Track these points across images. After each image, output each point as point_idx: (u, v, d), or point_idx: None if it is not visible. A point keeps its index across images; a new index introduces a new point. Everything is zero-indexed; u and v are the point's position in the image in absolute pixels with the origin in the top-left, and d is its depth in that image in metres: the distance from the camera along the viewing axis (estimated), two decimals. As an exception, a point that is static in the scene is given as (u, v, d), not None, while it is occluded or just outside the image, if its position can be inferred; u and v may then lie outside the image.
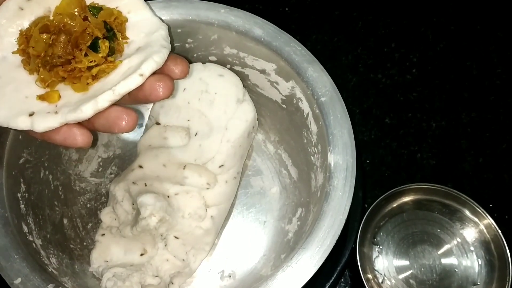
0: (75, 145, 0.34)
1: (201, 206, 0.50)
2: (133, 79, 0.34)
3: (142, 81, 0.34)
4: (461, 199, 0.52)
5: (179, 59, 0.37)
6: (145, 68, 0.34)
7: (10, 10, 0.37)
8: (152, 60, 0.35)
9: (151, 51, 0.36)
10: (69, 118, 0.33)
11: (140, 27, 0.38)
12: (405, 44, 0.69)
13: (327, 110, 0.44)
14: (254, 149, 0.58)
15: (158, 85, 0.34)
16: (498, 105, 0.65)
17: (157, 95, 0.35)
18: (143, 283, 0.48)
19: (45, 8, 0.38)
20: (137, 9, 0.39)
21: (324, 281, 0.49)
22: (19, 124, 0.34)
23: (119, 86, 0.34)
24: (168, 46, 0.37)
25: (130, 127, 0.34)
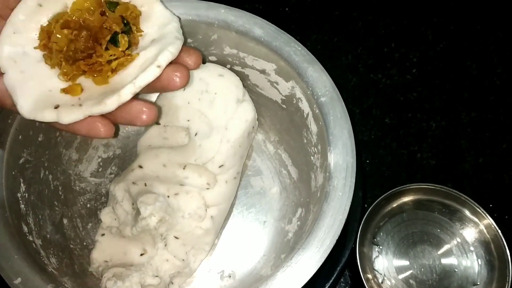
0: (99, 135, 0.36)
1: (201, 206, 0.50)
2: (152, 70, 0.36)
3: (160, 72, 0.36)
4: (461, 199, 0.52)
5: (192, 50, 0.38)
6: (162, 60, 0.36)
7: (29, 6, 0.38)
8: (167, 51, 0.36)
9: (165, 43, 0.37)
10: (94, 111, 0.35)
11: (153, 20, 0.40)
12: (405, 44, 0.69)
13: (327, 110, 0.44)
14: (254, 149, 0.58)
15: (175, 75, 0.36)
16: (498, 105, 0.65)
17: (175, 85, 0.36)
18: (143, 283, 0.48)
19: (62, 4, 0.39)
20: (150, 2, 0.40)
21: (324, 281, 0.49)
22: (46, 116, 0.35)
23: (139, 79, 0.35)
24: (181, 37, 0.38)
25: (151, 120, 0.36)
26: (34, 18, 0.38)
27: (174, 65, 0.37)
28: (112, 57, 0.37)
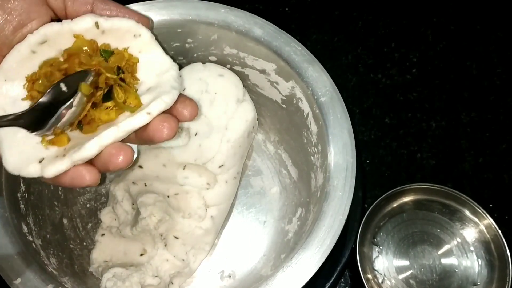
0: (83, 184, 0.34)
1: (201, 206, 0.50)
2: (140, 117, 0.34)
3: (148, 120, 0.34)
4: (461, 199, 0.52)
5: (188, 101, 0.37)
6: (153, 108, 0.34)
7: (22, 54, 0.36)
8: (161, 100, 0.34)
9: (161, 91, 0.36)
10: (75, 158, 0.33)
11: (151, 66, 0.38)
12: (405, 44, 0.69)
13: (327, 110, 0.44)
14: (254, 149, 0.58)
15: (162, 125, 0.34)
16: (498, 105, 0.65)
17: (160, 136, 0.34)
18: (143, 283, 0.48)
19: (57, 50, 0.37)
20: (149, 48, 0.39)
21: (324, 281, 0.49)
22: (30, 172, 0.34)
23: (125, 123, 0.34)
24: (178, 87, 0.37)
25: (126, 164, 0.33)
26: (26, 65, 0.36)
27: (163, 116, 0.35)
28: (107, 110, 0.36)
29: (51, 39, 0.36)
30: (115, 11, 0.38)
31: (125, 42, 0.38)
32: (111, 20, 0.37)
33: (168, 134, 0.34)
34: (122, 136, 0.34)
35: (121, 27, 0.38)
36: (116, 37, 0.38)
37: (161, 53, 0.39)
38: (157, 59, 0.39)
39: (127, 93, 0.36)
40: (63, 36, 0.37)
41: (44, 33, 0.36)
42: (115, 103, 0.36)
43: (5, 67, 0.36)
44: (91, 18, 0.37)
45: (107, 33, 0.37)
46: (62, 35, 0.37)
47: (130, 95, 0.36)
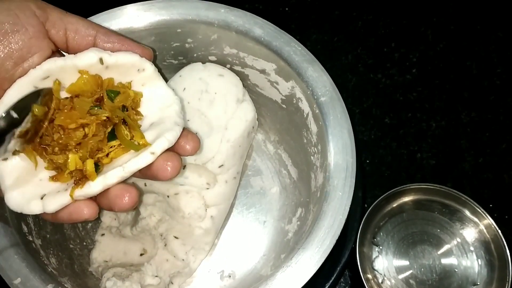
0: (81, 219, 0.34)
1: (201, 206, 0.50)
2: (144, 157, 0.34)
3: (153, 159, 0.34)
4: (461, 199, 0.52)
5: (190, 135, 0.38)
6: (157, 147, 0.35)
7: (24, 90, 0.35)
8: (164, 139, 0.35)
9: (164, 128, 0.36)
10: (78, 194, 0.33)
11: (154, 100, 0.38)
12: (405, 44, 0.69)
13: (327, 110, 0.44)
14: (254, 149, 0.58)
15: (166, 164, 0.35)
16: (498, 105, 0.65)
17: (165, 175, 0.35)
18: (143, 283, 0.48)
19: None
20: (152, 82, 0.39)
21: (324, 281, 0.49)
22: (33, 209, 0.34)
23: (129, 163, 0.34)
24: (181, 123, 0.37)
25: (130, 205, 0.34)
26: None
27: (167, 154, 0.35)
28: (112, 149, 0.36)
29: (54, 74, 0.36)
30: (118, 44, 0.38)
31: (129, 76, 0.38)
32: (115, 55, 0.37)
33: (172, 173, 0.35)
34: (127, 176, 0.34)
35: (126, 62, 0.37)
36: (120, 72, 0.38)
37: (164, 86, 0.39)
38: (160, 92, 0.39)
39: (132, 130, 0.36)
40: (66, 71, 0.36)
41: (47, 68, 0.35)
42: (120, 142, 0.36)
43: (6, 102, 0.35)
44: (95, 53, 0.36)
45: (111, 68, 0.37)
46: (65, 70, 0.36)
47: (135, 132, 0.36)
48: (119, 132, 0.36)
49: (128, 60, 0.37)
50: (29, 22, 0.35)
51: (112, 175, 0.34)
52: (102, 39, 0.37)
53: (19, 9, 0.35)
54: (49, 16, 0.36)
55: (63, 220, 0.34)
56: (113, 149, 0.36)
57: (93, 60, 0.36)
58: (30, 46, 0.35)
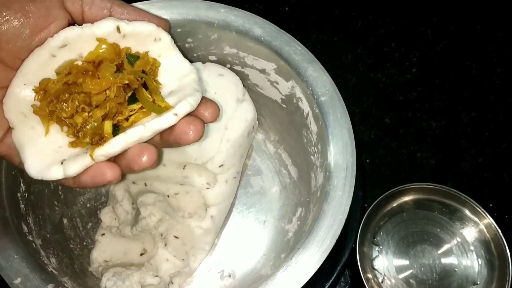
0: (105, 181, 0.33)
1: (201, 206, 0.50)
2: (167, 118, 0.34)
3: (175, 121, 0.34)
4: (461, 198, 0.52)
5: (209, 103, 0.37)
6: (180, 109, 0.34)
7: (41, 58, 0.35)
8: (186, 102, 0.34)
9: (184, 94, 0.36)
10: (99, 153, 0.33)
11: (171, 70, 0.38)
12: (405, 43, 0.69)
13: (327, 109, 0.44)
14: (254, 149, 0.58)
15: (189, 127, 0.34)
16: (498, 104, 0.65)
17: (187, 138, 0.34)
18: (143, 283, 0.48)
19: (77, 54, 0.36)
20: (168, 52, 0.38)
21: (324, 280, 0.49)
22: (53, 175, 0.33)
23: (152, 122, 0.33)
24: (200, 89, 0.37)
25: (150, 163, 0.33)
26: (46, 69, 0.36)
27: (190, 117, 0.35)
28: (132, 112, 0.35)
29: (71, 42, 0.36)
30: (134, 15, 0.38)
31: (145, 46, 0.38)
32: (132, 24, 0.37)
33: (195, 136, 0.34)
34: (148, 136, 0.34)
35: (142, 31, 0.37)
36: (137, 41, 0.38)
37: (180, 57, 0.39)
38: (177, 63, 0.38)
39: (153, 94, 0.36)
40: (84, 39, 0.36)
41: (64, 37, 0.35)
42: (141, 104, 0.35)
43: (25, 71, 0.35)
44: (112, 22, 0.36)
45: (128, 37, 0.37)
46: (83, 39, 0.36)
47: (156, 96, 0.36)
48: (140, 94, 0.35)
49: (145, 29, 0.37)
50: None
51: (133, 133, 0.33)
52: (118, 11, 0.37)
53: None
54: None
55: (86, 185, 0.33)
56: (134, 113, 0.35)
57: (111, 28, 0.36)
58: (47, 15, 0.35)
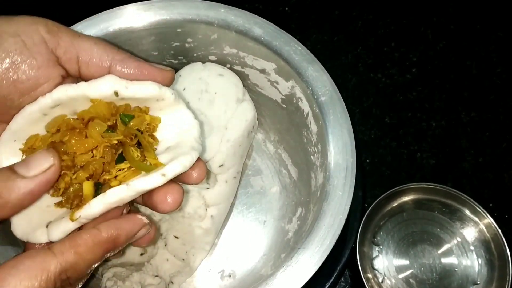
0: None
1: (201, 206, 0.50)
2: (154, 178, 0.32)
3: (163, 182, 0.32)
4: (461, 198, 0.52)
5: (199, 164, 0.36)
6: (170, 170, 0.32)
7: (32, 117, 0.33)
8: (178, 163, 0.33)
9: (180, 152, 0.34)
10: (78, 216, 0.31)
11: (172, 124, 0.36)
12: (405, 43, 0.69)
13: (327, 109, 0.44)
14: (254, 149, 0.58)
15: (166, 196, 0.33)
16: (498, 104, 0.65)
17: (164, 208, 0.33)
18: (143, 282, 0.48)
19: (70, 111, 0.35)
20: (171, 107, 0.36)
21: (324, 280, 0.49)
22: (38, 238, 0.32)
23: (136, 182, 0.32)
24: (198, 148, 0.35)
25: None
26: (37, 126, 0.34)
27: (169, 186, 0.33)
28: (121, 172, 0.33)
29: (64, 102, 0.34)
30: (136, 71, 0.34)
31: (147, 104, 0.36)
32: (132, 88, 0.34)
33: (172, 206, 0.33)
34: (132, 196, 0.32)
35: (143, 96, 0.34)
36: (137, 102, 0.36)
37: (184, 109, 0.37)
38: (179, 115, 0.37)
39: (145, 151, 0.34)
40: (78, 100, 0.34)
41: (57, 98, 0.33)
42: (129, 162, 0.34)
43: (14, 128, 0.34)
44: (110, 85, 0.33)
45: (127, 99, 0.35)
46: (76, 99, 0.34)
47: (148, 154, 0.34)
48: (127, 153, 0.33)
49: (146, 93, 0.34)
50: (37, 50, 0.32)
51: (113, 193, 0.31)
52: (117, 69, 0.34)
53: (26, 34, 0.32)
54: (59, 41, 0.33)
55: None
56: (122, 172, 0.34)
57: (108, 93, 0.33)
58: (38, 77, 0.32)
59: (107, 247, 0.30)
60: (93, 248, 0.30)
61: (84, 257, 0.29)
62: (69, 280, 0.29)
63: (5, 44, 0.31)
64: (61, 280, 0.28)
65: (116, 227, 0.31)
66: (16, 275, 0.27)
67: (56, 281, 0.28)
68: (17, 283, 0.26)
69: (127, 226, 0.32)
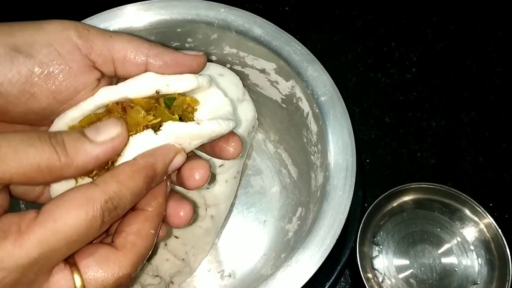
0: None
1: (201, 206, 0.50)
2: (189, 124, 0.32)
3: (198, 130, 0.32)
4: (461, 198, 0.52)
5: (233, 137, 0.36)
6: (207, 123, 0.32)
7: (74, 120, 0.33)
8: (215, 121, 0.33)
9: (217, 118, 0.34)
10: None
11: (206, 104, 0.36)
12: (405, 43, 0.69)
13: (327, 109, 0.44)
14: (254, 149, 0.58)
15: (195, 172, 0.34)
16: (498, 104, 0.65)
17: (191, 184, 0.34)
18: (143, 282, 0.48)
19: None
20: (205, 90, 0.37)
21: (324, 280, 0.49)
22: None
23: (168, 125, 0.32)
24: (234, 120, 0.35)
25: (186, 221, 0.34)
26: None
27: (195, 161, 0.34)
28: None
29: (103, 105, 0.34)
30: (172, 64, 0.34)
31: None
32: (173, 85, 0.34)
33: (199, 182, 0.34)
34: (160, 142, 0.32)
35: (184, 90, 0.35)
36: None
37: (215, 89, 0.37)
38: (211, 95, 0.37)
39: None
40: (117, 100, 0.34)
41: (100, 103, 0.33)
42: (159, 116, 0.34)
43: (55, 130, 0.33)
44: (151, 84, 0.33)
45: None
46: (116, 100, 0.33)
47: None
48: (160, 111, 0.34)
49: (186, 88, 0.35)
50: (72, 58, 0.32)
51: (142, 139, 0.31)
52: (154, 61, 0.34)
53: (59, 43, 0.31)
54: (92, 45, 0.32)
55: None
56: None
57: (149, 93, 0.33)
58: (76, 85, 0.32)
59: (147, 173, 0.31)
60: (133, 175, 0.30)
61: (126, 185, 0.29)
62: (116, 210, 0.29)
63: (40, 56, 0.31)
64: (109, 209, 0.28)
65: (150, 154, 0.31)
66: (62, 206, 0.27)
67: (104, 210, 0.28)
68: (63, 213, 0.27)
69: (161, 151, 0.32)
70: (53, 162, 0.28)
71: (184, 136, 0.32)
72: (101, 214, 0.28)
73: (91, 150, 0.29)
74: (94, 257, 0.29)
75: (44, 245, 0.26)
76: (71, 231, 0.27)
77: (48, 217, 0.27)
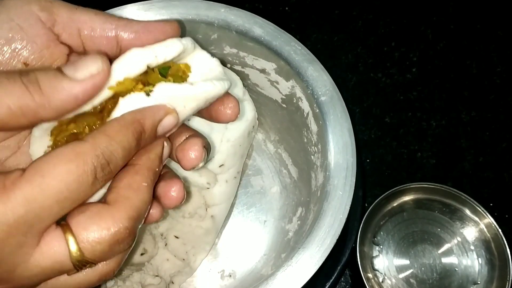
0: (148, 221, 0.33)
1: (201, 206, 0.50)
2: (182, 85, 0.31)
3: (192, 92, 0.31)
4: (461, 198, 0.52)
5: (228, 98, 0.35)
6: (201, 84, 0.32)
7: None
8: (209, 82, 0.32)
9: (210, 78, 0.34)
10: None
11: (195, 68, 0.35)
12: (405, 43, 0.69)
13: (327, 109, 0.44)
14: (254, 149, 0.58)
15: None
16: (498, 104, 0.65)
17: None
18: (143, 282, 0.48)
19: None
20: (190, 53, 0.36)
21: (325, 280, 0.49)
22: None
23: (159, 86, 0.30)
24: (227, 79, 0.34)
25: (179, 201, 0.33)
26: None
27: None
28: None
29: None
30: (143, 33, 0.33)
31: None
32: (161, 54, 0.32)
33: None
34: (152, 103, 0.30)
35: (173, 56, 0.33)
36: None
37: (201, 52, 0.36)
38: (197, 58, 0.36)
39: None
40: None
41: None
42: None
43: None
44: (140, 61, 0.31)
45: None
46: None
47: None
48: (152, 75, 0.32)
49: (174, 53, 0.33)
50: (35, 32, 0.30)
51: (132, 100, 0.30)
52: (124, 32, 0.32)
53: (20, 17, 0.30)
54: (56, 18, 0.31)
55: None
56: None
57: (140, 71, 0.31)
58: (41, 60, 0.31)
59: (135, 127, 0.29)
60: (121, 129, 0.28)
61: (116, 138, 0.28)
62: (109, 166, 0.27)
63: (1, 32, 0.29)
64: (101, 165, 0.27)
65: (138, 111, 0.30)
66: (50, 161, 0.25)
67: (96, 165, 0.26)
68: (51, 168, 0.25)
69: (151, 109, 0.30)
70: (25, 102, 0.26)
71: (177, 98, 0.31)
72: (92, 170, 0.26)
73: (70, 87, 0.27)
74: (85, 214, 0.27)
75: (32, 202, 0.24)
76: (61, 187, 0.25)
77: (34, 173, 0.25)
